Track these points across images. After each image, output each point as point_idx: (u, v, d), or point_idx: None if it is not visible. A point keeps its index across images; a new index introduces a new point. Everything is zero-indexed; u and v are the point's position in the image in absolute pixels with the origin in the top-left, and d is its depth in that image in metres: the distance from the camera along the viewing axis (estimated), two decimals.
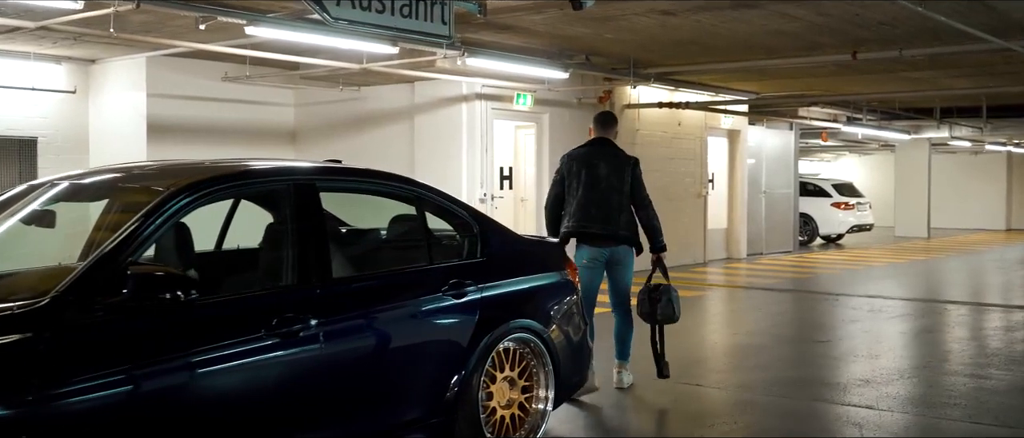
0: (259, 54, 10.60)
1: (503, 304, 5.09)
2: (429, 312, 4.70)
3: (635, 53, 12.54)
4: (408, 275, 4.90)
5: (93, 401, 3.44)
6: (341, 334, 4.24)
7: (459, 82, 12.52)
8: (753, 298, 12.49)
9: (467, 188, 12.59)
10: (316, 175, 4.60)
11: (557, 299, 5.49)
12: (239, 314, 3.98)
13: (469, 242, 5.15)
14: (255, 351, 3.90)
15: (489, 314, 4.94)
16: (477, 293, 4.92)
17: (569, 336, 5.49)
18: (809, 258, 18.73)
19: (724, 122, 17.49)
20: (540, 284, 5.42)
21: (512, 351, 5.12)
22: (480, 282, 4.97)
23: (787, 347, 8.83)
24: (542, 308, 5.33)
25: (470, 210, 5.23)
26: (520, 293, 5.23)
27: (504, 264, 5.22)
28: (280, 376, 4.02)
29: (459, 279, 4.86)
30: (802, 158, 32.75)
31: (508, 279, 5.19)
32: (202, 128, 13.73)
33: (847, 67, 13.44)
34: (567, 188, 6.73)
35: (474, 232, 5.15)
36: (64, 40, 11.54)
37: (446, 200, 5.12)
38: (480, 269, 5.05)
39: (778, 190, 19.79)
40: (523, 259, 5.41)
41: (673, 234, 16.18)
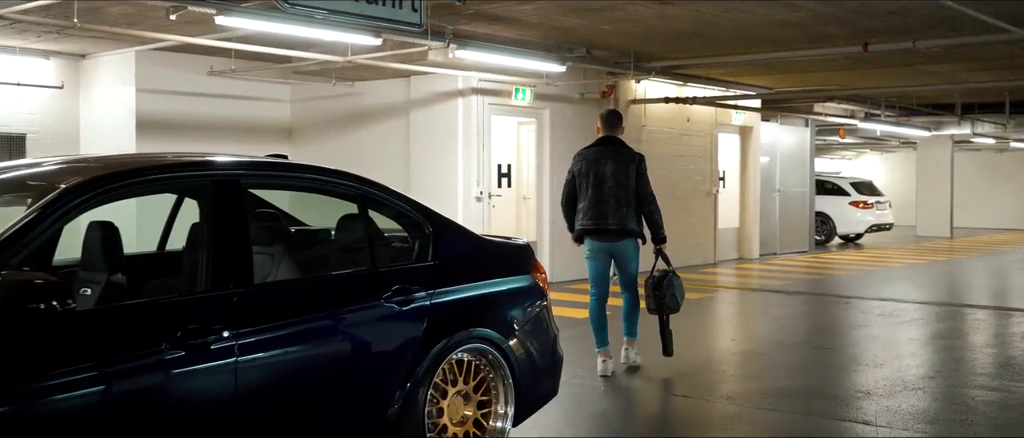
0: (242, 47, 10.24)
1: (456, 312, 4.67)
2: (367, 321, 4.29)
3: (636, 45, 12.08)
4: (344, 280, 4.50)
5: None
6: (260, 347, 3.83)
7: (455, 76, 12.11)
8: (759, 301, 12.00)
9: (463, 186, 12.19)
10: (240, 170, 4.19)
11: (521, 306, 5.07)
12: (135, 325, 3.57)
13: (420, 244, 4.74)
14: (153, 368, 3.50)
15: (439, 323, 4.53)
16: (425, 300, 4.50)
17: (534, 346, 5.06)
18: (824, 258, 18.17)
19: (735, 118, 16.97)
20: (501, 289, 5.00)
21: (466, 363, 4.71)
22: (430, 287, 4.56)
23: (786, 354, 8.35)
24: (503, 316, 4.90)
25: (423, 209, 4.80)
26: (477, 299, 4.81)
27: (460, 268, 4.80)
28: (184, 397, 3.61)
29: (404, 284, 4.44)
30: (821, 156, 32.25)
31: (463, 284, 4.77)
32: (197, 124, 13.40)
33: (860, 60, 12.91)
34: (578, 186, 7.22)
35: (426, 233, 4.73)
36: (46, 33, 11.25)
37: (394, 198, 4.71)
38: (431, 273, 4.63)
39: (793, 188, 19.24)
40: (483, 262, 4.98)
41: (682, 233, 15.74)
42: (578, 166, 7.26)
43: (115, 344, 3.43)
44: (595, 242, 7.17)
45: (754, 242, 17.63)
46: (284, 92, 14.26)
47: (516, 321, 4.98)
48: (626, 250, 7.19)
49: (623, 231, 7.08)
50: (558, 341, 5.39)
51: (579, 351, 8.49)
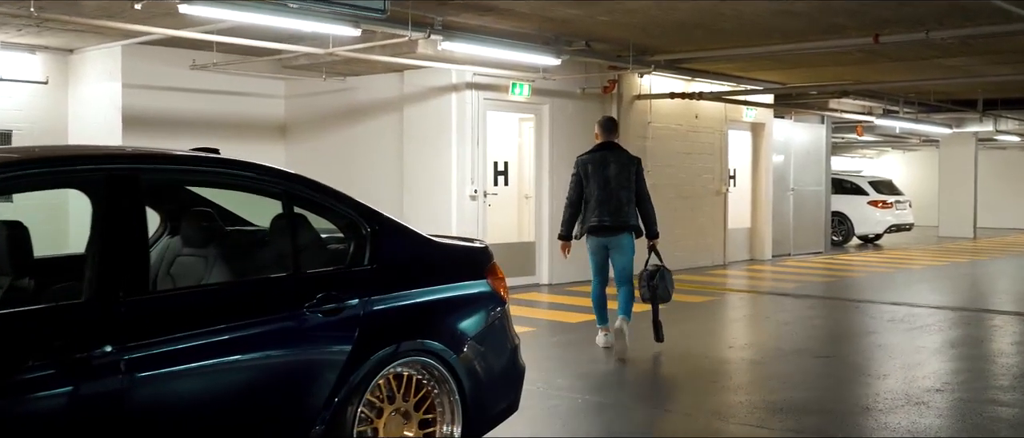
0: (223, 39, 9.85)
1: (395, 321, 4.23)
2: (284, 332, 3.85)
3: (637, 38, 11.60)
4: (260, 287, 4.06)
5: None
6: (152, 364, 3.40)
7: (448, 70, 11.66)
8: (765, 304, 11.47)
9: (457, 184, 11.74)
10: (137, 163, 3.75)
11: (473, 314, 4.61)
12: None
13: (356, 247, 4.29)
14: (15, 388, 3.07)
15: (373, 333, 4.09)
16: (357, 308, 4.06)
17: (488, 358, 4.61)
18: (840, 260, 17.58)
19: (747, 115, 16.42)
20: (450, 296, 4.54)
21: (407, 378, 4.26)
22: (365, 294, 4.12)
23: (785, 363, 7.84)
24: (450, 325, 4.45)
25: (361, 208, 4.35)
26: (420, 307, 4.36)
27: (402, 273, 4.36)
28: (53, 422, 3.18)
29: (332, 291, 4.00)
30: (841, 155, 31.57)
31: (405, 291, 4.32)
32: (187, 121, 13.06)
33: (873, 53, 12.36)
34: (584, 188, 7.88)
35: (363, 235, 4.29)
36: (27, 27, 10.91)
37: (326, 195, 4.27)
38: (366, 279, 4.19)
39: (808, 187, 18.65)
40: (430, 267, 4.53)
41: (690, 234, 15.24)
42: (583, 169, 7.92)
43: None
44: (597, 239, 7.88)
45: (766, 243, 17.07)
46: (278, 88, 13.89)
47: (466, 331, 4.53)
48: (625, 243, 7.90)
49: (625, 226, 7.84)
50: (519, 352, 4.94)
51: (566, 358, 8.05)
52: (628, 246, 7.92)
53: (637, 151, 14.16)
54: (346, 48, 9.68)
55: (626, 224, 7.81)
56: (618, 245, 7.88)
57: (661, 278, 8.08)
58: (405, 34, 8.82)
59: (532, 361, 7.92)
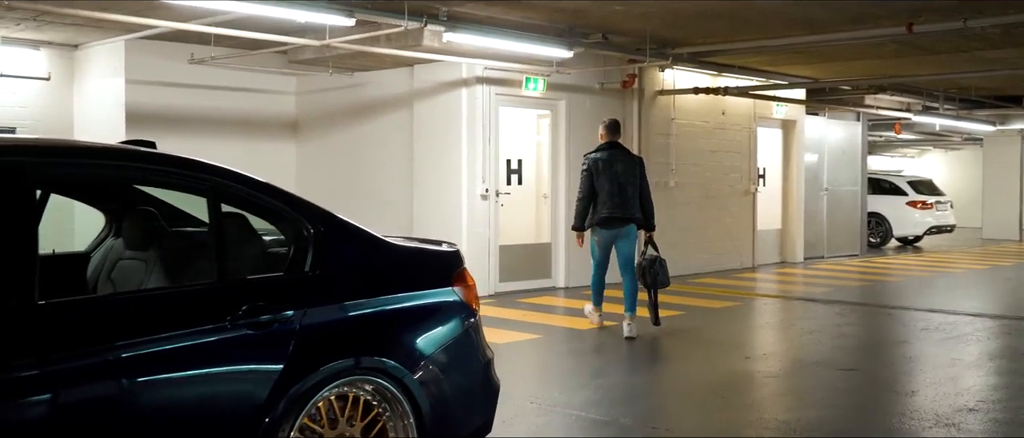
0: (220, 31, 9.43)
1: (338, 335, 3.75)
2: (199, 350, 3.37)
3: (655, 29, 11.02)
4: (172, 297, 3.59)
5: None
6: (34, 387, 2.94)
7: (458, 64, 11.17)
8: (790, 311, 10.85)
9: (467, 183, 11.25)
10: (26, 156, 3.28)
11: (435, 326, 4.12)
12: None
13: (296, 250, 3.81)
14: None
15: (311, 349, 3.62)
16: (292, 321, 3.59)
17: (451, 376, 4.12)
18: (876, 263, 16.84)
19: (777, 111, 15.75)
20: (408, 306, 4.05)
21: (352, 399, 3.78)
22: (303, 305, 3.64)
23: (803, 377, 7.25)
24: (406, 339, 3.96)
25: (304, 206, 3.88)
26: (370, 319, 3.88)
27: (350, 279, 3.88)
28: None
29: (261, 302, 3.53)
30: (880, 154, 30.64)
31: (353, 300, 3.84)
32: (195, 118, 12.70)
33: (908, 45, 11.67)
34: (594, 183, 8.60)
35: (305, 236, 3.81)
36: (25, 21, 10.62)
37: (260, 192, 3.79)
38: (305, 287, 3.72)
39: (842, 187, 17.92)
40: (384, 273, 4.04)
41: (715, 235, 14.62)
42: (594, 166, 8.66)
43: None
44: (605, 231, 8.65)
45: (798, 245, 16.38)
46: (289, 84, 13.49)
47: (426, 346, 4.04)
48: (631, 233, 8.73)
49: (630, 219, 8.69)
50: (491, 368, 4.44)
51: (570, 369, 7.53)
52: (633, 236, 8.78)
53: (660, 149, 13.64)
54: (342, 40, 9.21)
55: (632, 217, 8.68)
56: (625, 235, 8.71)
57: (660, 266, 8.80)
58: (400, 24, 8.34)
59: (532, 372, 7.44)
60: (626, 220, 8.65)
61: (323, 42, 9.08)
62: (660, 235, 13.42)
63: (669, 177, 13.72)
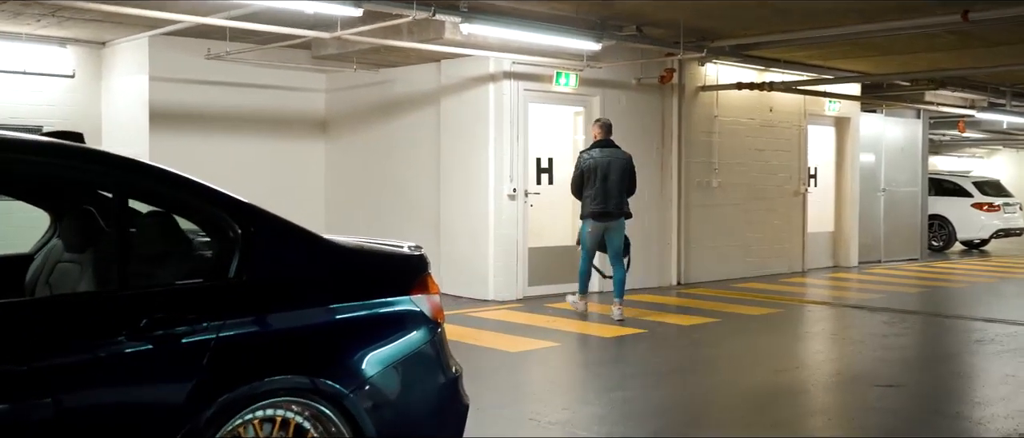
0: (237, 25, 9.10)
1: (264, 351, 3.32)
2: (89, 367, 2.96)
3: (691, 20, 10.44)
4: (62, 307, 3.18)
5: None
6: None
7: (486, 59, 10.71)
8: (836, 319, 10.17)
9: (495, 182, 10.79)
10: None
11: (386, 341, 3.66)
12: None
13: (219, 254, 3.39)
14: None
15: (229, 367, 3.19)
16: (206, 334, 3.16)
17: (405, 397, 3.67)
18: (937, 268, 15.96)
19: (829, 108, 15.00)
20: (352, 317, 3.60)
21: (280, 423, 3.34)
22: (222, 316, 3.21)
23: (839, 393, 6.64)
24: (347, 356, 3.51)
25: (230, 204, 3.44)
26: (302, 332, 3.43)
27: (283, 287, 3.44)
28: None
29: (168, 313, 3.10)
30: (946, 154, 29.43)
31: (286, 311, 3.40)
32: (227, 116, 12.43)
33: (966, 35, 10.91)
34: (587, 179, 9.31)
35: (231, 238, 3.38)
36: (45, 16, 10.45)
37: (177, 187, 3.37)
38: (224, 296, 3.29)
39: (901, 188, 17.06)
40: (328, 279, 3.59)
41: (762, 238, 13.94)
42: (588, 163, 9.32)
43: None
44: (598, 222, 9.32)
45: (852, 248, 15.59)
46: (319, 81, 13.16)
47: (373, 362, 3.58)
48: (619, 226, 9.44)
49: (621, 213, 9.41)
50: (458, 386, 3.97)
51: (580, 382, 7.02)
52: (622, 229, 9.47)
53: (702, 147, 13.03)
54: (354, 31, 8.79)
55: (623, 211, 9.41)
56: (616, 228, 9.40)
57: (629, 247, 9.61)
58: (408, 13, 7.90)
59: (541, 385, 6.91)
60: (617, 215, 9.34)
61: (334, 34, 8.68)
62: (700, 234, 12.93)
63: (712, 177, 13.10)
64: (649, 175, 12.28)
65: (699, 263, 12.87)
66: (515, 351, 7.84)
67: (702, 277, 12.83)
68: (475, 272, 10.92)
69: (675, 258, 12.57)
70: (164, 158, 11.50)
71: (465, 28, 8.77)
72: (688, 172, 12.74)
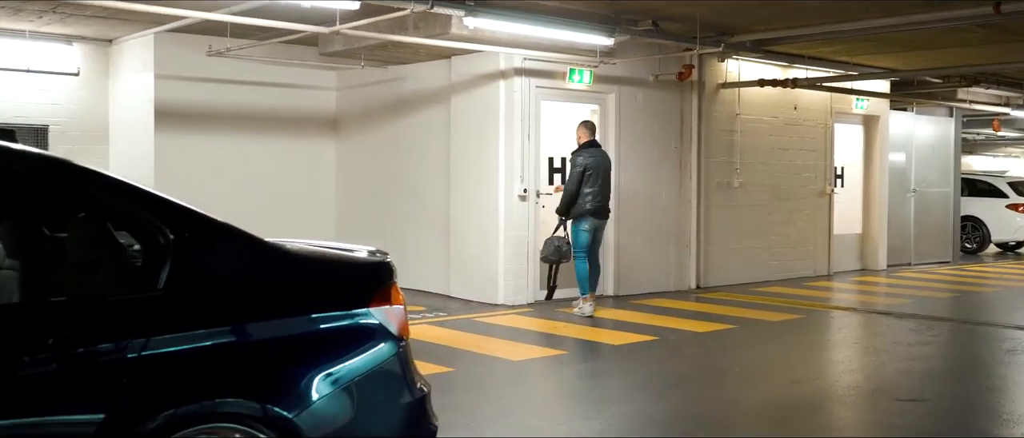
0: (235, 20, 8.82)
1: (193, 370, 2.99)
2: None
3: (708, 15, 10.04)
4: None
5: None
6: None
7: (496, 55, 10.37)
8: (860, 326, 9.72)
9: (505, 182, 10.44)
10: None
11: (339, 359, 3.33)
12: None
13: (149, 262, 3.07)
14: None
15: (149, 389, 2.87)
16: (129, 352, 2.84)
17: (360, 420, 3.33)
18: (970, 271, 15.40)
19: (857, 106, 14.50)
20: (300, 332, 3.27)
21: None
22: (145, 333, 2.89)
23: (856, 407, 6.22)
24: (292, 375, 3.19)
25: (162, 206, 3.12)
26: (241, 349, 3.11)
27: (221, 299, 3.12)
28: None
29: (82, 329, 2.79)
30: (982, 153, 28.69)
31: (221, 326, 3.07)
32: (236, 115, 12.18)
33: (998, 29, 10.41)
34: (587, 178, 9.40)
35: (161, 244, 3.06)
36: (47, 13, 10.25)
37: (99, 188, 3.05)
38: (151, 309, 2.97)
39: (932, 188, 16.51)
40: (272, 290, 3.26)
41: (786, 240, 13.47)
42: (589, 161, 9.44)
43: None
44: (597, 220, 9.52)
45: (880, 251, 15.07)
46: (330, 79, 12.88)
47: (323, 383, 3.25)
48: (605, 225, 9.83)
49: (610, 211, 9.81)
50: (425, 407, 3.62)
51: (578, 394, 6.65)
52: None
53: (723, 146, 12.60)
54: (352, 25, 8.46)
55: (610, 209, 9.81)
56: (605, 225, 9.79)
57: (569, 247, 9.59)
58: (407, 6, 7.56)
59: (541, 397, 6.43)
60: (608, 213, 9.70)
61: (333, 29, 8.37)
62: (721, 236, 12.51)
63: (733, 177, 12.66)
64: (667, 175, 11.88)
65: (719, 266, 12.45)
66: (518, 359, 7.49)
67: (722, 280, 12.41)
68: (485, 275, 10.58)
69: (694, 261, 12.15)
70: (171, 158, 11.35)
71: (469, 22, 8.45)
72: (708, 172, 12.32)
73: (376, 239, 12.28)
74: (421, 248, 11.57)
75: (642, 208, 11.57)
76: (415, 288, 11.50)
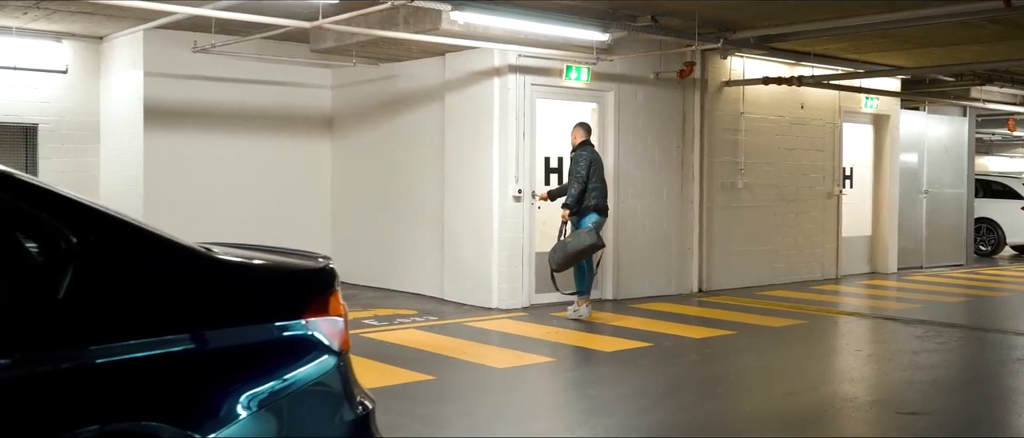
0: (220, 15, 8.56)
1: (88, 390, 2.70)
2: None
3: (706, 10, 9.73)
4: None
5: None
6: None
7: (491, 52, 10.08)
8: (864, 332, 9.39)
9: (499, 183, 10.16)
10: None
11: (266, 376, 3.03)
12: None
13: (48, 269, 2.78)
14: None
15: (35, 412, 2.58)
16: (17, 368, 2.56)
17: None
18: (983, 274, 15.01)
19: (867, 105, 14.14)
20: (219, 346, 2.97)
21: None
22: (34, 349, 2.61)
23: (852, 420, 5.89)
24: (206, 394, 2.89)
25: (65, 207, 2.83)
26: (145, 366, 2.81)
27: (128, 310, 2.82)
28: None
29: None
30: (998, 154, 28.21)
31: (124, 341, 2.78)
32: (230, 114, 11.93)
33: (1010, 24, 10.07)
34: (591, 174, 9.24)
35: (62, 249, 2.78)
36: (32, 9, 10.03)
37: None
38: (41, 322, 2.68)
39: (945, 190, 16.12)
40: (187, 300, 2.95)
41: (791, 242, 13.13)
42: (591, 157, 9.30)
43: None
44: (601, 217, 9.34)
45: (890, 253, 14.69)
46: (325, 77, 12.63)
47: (245, 402, 2.95)
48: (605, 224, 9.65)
49: (608, 210, 9.61)
50: (368, 426, 3.33)
51: (562, 403, 6.34)
52: None
53: (727, 146, 12.27)
54: (334, 20, 8.19)
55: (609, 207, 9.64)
56: (604, 224, 9.49)
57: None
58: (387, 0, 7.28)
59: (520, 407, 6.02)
60: (608, 210, 9.52)
61: (316, 24, 8.09)
62: (724, 238, 12.18)
63: (737, 177, 12.33)
64: (669, 175, 11.57)
65: (722, 269, 12.12)
66: (503, 367, 7.19)
67: (725, 284, 12.08)
68: (479, 278, 10.30)
69: (696, 264, 11.83)
70: (164, 158, 11.09)
71: (456, 16, 8.16)
72: (711, 172, 12.00)
73: (372, 240, 12.06)
74: (417, 250, 11.30)
75: (642, 209, 11.26)
76: (410, 291, 11.24)
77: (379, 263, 11.86)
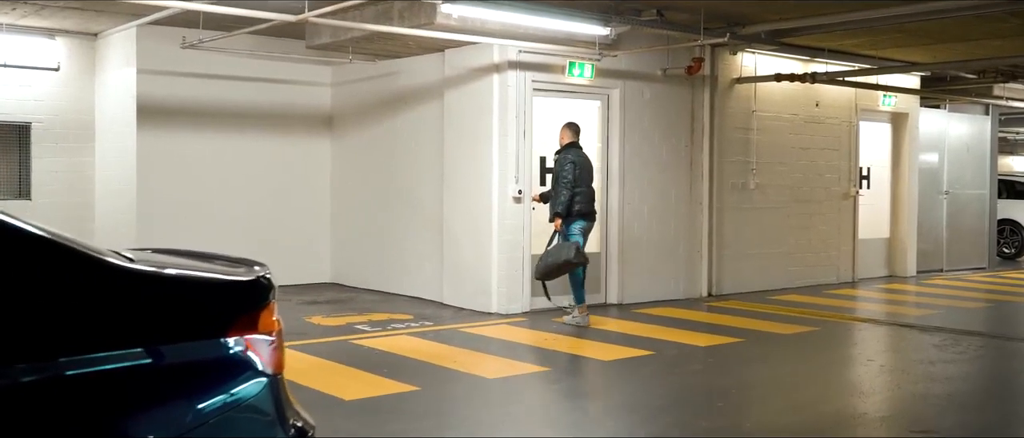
0: (210, 9, 8.24)
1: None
2: None
3: (717, 5, 9.32)
4: None
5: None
6: None
7: (490, 48, 9.73)
8: (878, 340, 8.96)
9: (499, 183, 9.80)
10: None
11: (186, 400, 2.72)
12: None
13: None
14: None
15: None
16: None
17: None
18: (1007, 278, 14.51)
19: (885, 102, 13.68)
20: (135, 367, 2.65)
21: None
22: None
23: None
24: (125, 421, 2.57)
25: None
26: (51, 389, 2.49)
27: (21, 330, 2.50)
28: None
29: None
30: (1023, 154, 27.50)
31: (18, 364, 2.46)
32: (227, 112, 11.66)
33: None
34: (578, 178, 8.89)
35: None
36: (23, 5, 9.78)
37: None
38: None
39: (966, 190, 15.62)
40: (101, 317, 2.64)
41: (806, 244, 12.70)
42: (577, 160, 8.97)
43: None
44: (587, 223, 9.06)
45: (909, 256, 14.22)
46: (324, 75, 12.32)
47: (164, 427, 2.63)
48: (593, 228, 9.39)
49: (596, 214, 9.35)
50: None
51: (548, 417, 5.95)
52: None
53: (738, 145, 11.86)
54: (319, 12, 7.84)
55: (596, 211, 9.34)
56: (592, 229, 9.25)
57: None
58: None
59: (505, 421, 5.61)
60: (596, 214, 9.26)
61: (301, 17, 7.76)
62: (735, 241, 11.78)
63: (749, 178, 11.92)
64: (677, 175, 11.18)
65: (733, 273, 11.71)
66: (493, 377, 6.84)
67: (736, 288, 11.67)
68: (478, 282, 9.95)
69: (706, 267, 11.42)
70: (158, 156, 10.81)
71: (448, 8, 7.81)
72: (721, 172, 11.59)
73: (371, 242, 11.73)
74: (417, 253, 10.97)
75: (648, 210, 10.87)
76: (410, 295, 10.91)
77: (378, 266, 11.54)
